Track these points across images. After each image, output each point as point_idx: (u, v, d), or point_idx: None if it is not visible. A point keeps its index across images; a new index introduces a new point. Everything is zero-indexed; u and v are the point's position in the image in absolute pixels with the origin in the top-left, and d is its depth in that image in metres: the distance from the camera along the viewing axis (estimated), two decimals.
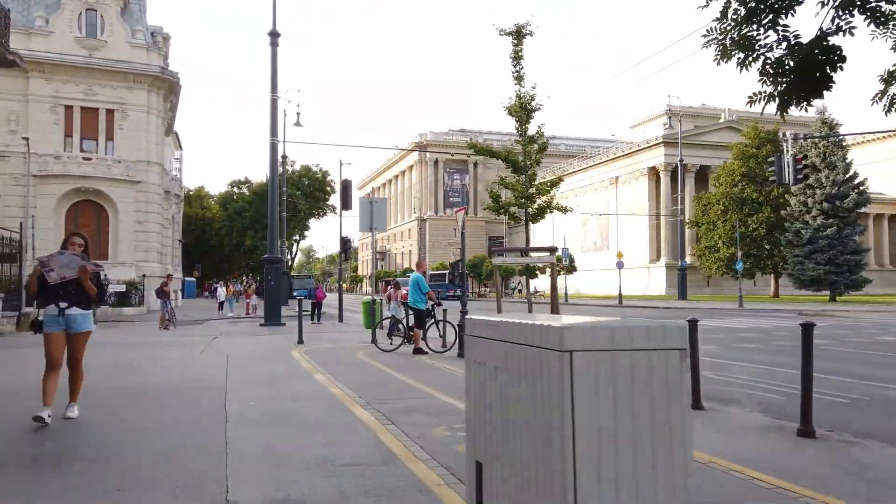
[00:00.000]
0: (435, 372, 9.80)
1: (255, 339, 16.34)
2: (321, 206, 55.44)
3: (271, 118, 21.90)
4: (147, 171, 34.65)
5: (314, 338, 15.81)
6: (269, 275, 21.77)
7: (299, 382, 8.36)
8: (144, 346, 14.18)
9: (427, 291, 12.66)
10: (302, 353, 12.32)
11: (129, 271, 33.02)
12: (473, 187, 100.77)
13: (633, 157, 70.71)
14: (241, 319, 28.37)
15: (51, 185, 32.40)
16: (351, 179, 23.58)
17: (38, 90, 32.62)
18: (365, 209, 14.98)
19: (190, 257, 70.66)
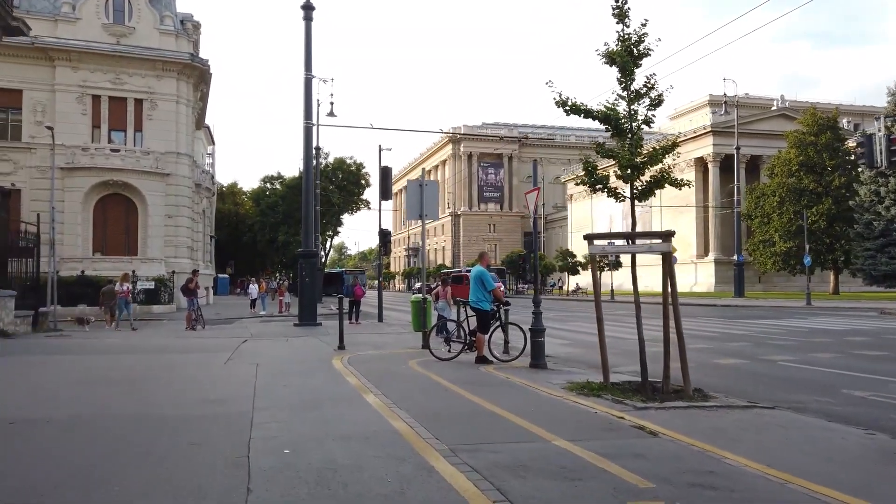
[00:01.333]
0: (514, 391, 7.73)
1: (290, 342, 14.47)
2: (355, 200, 53.58)
3: (305, 99, 20.07)
4: (177, 163, 33.25)
5: (355, 341, 13.88)
6: (303, 270, 19.93)
7: (348, 409, 6.36)
8: (163, 351, 12.38)
9: (493, 289, 10.58)
10: (344, 361, 10.36)
11: (158, 268, 31.65)
12: (508, 181, 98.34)
13: (679, 147, 67.39)
14: (274, 318, 26.70)
15: (78, 177, 31.15)
16: (391, 167, 21.61)
17: (65, 79, 31.39)
18: (413, 194, 12.94)
19: (223, 254, 69.87)
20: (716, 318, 23.81)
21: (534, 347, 10.36)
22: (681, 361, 7.44)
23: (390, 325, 20.47)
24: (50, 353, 11.64)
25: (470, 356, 10.89)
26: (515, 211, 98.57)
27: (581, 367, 10.94)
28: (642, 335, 7.90)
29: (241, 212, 70.96)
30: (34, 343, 14.03)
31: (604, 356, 7.80)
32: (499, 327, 11.12)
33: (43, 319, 18.52)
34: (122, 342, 14.44)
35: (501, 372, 9.48)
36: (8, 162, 30.82)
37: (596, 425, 5.71)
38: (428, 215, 12.92)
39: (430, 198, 12.97)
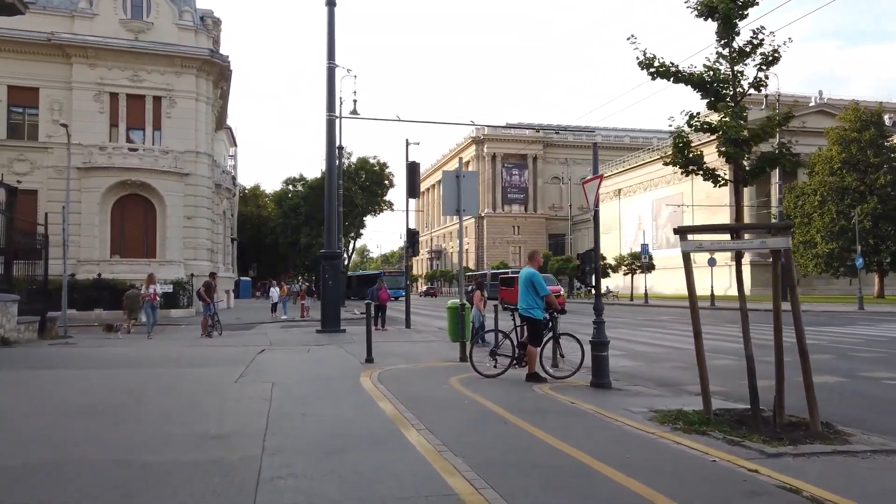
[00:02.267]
0: (590, 424, 6.20)
1: (311, 352, 13.05)
2: (378, 201, 52.21)
3: (328, 90, 18.71)
4: (196, 163, 32.19)
5: (384, 351, 12.42)
6: (325, 272, 18.55)
7: (386, 455, 4.86)
8: (169, 364, 11.01)
9: (546, 294, 9.04)
10: (374, 378, 8.89)
11: (177, 270, 30.59)
12: (533, 182, 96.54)
13: (712, 145, 64.96)
14: (295, 323, 25.38)
15: (95, 178, 30.23)
16: (419, 162, 20.17)
17: (82, 77, 30.51)
18: (450, 186, 11.44)
19: (245, 256, 69.08)
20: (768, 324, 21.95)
21: (596, 363, 8.81)
22: (805, 387, 5.85)
23: (419, 332, 19.00)
24: (43, 366, 10.35)
25: (518, 372, 9.37)
26: (540, 213, 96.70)
27: (649, 385, 9.37)
28: (751, 351, 6.31)
29: (263, 214, 70.19)
30: (33, 353, 12.79)
31: (704, 379, 6.21)
32: (551, 339, 9.57)
33: (51, 325, 17.36)
34: (128, 352, 13.16)
35: (561, 394, 7.94)
36: (25, 162, 30.01)
37: (731, 487, 4.15)
38: (466, 210, 11.42)
39: (468, 190, 11.47)
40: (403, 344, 14.95)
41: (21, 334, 15.37)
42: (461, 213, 11.39)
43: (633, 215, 78.11)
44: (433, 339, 16.86)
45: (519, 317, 9.23)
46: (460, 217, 11.45)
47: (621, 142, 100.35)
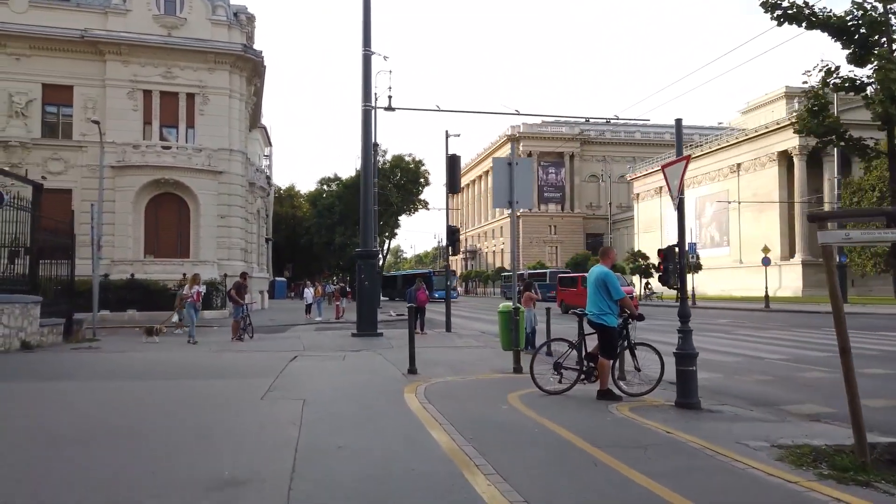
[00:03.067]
0: (698, 462, 4.86)
1: (347, 359, 11.89)
2: (413, 200, 51.11)
3: (363, 78, 17.60)
4: (230, 161, 31.54)
5: (426, 359, 11.19)
6: (361, 272, 17.44)
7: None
8: (191, 373, 9.94)
9: (621, 297, 7.70)
10: (420, 395, 7.66)
11: (210, 270, 29.91)
12: (570, 181, 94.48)
13: (759, 141, 62.54)
14: (330, 325, 24.41)
15: (128, 176, 29.77)
16: (459, 155, 18.93)
17: (116, 74, 30.09)
18: (501, 176, 10.16)
19: (280, 257, 68.83)
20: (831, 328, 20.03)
21: (682, 380, 7.42)
22: None
23: (461, 336, 17.76)
24: (53, 376, 9.41)
25: (587, 389, 8.05)
26: (577, 212, 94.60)
27: (741, 404, 7.94)
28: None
29: (298, 214, 69.87)
30: (50, 359, 11.91)
31: (856, 410, 4.79)
32: (625, 349, 8.21)
33: (77, 328, 16.61)
34: (152, 358, 12.21)
35: (646, 417, 6.59)
36: (59, 161, 29.71)
37: None
38: (520, 202, 10.13)
39: (522, 180, 10.18)
40: (446, 350, 13.71)
41: (44, 337, 14.61)
42: (514, 205, 10.10)
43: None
44: (477, 344, 15.60)
45: (588, 323, 7.90)
46: (513, 210, 10.17)
47: (661, 138, 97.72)
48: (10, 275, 13.90)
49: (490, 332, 20.28)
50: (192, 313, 16.98)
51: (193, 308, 17.12)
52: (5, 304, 12.70)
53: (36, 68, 29.24)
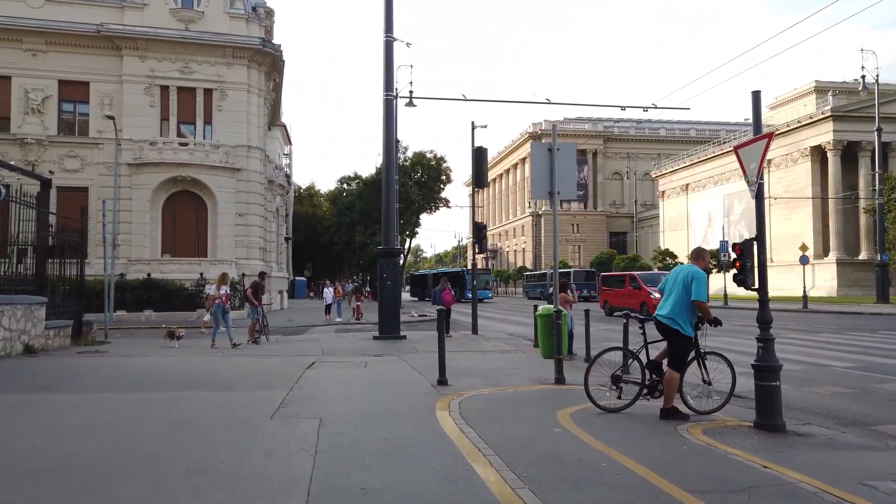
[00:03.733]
0: None
1: (369, 367, 10.89)
2: (435, 197, 50.02)
3: (385, 66, 16.61)
4: (248, 158, 30.79)
5: (457, 366, 10.16)
6: (383, 271, 16.45)
7: None
8: (197, 383, 8.96)
9: (701, 300, 6.58)
10: (456, 414, 6.61)
11: (228, 270, 29.09)
12: (593, 179, 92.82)
13: (791, 136, 60.55)
14: (350, 327, 23.49)
15: (145, 174, 29.14)
16: (486, 148, 17.87)
17: (132, 69, 29.48)
18: (540, 163, 9.09)
19: (300, 256, 68.28)
20: (888, 331, 18.60)
21: (764, 397, 6.28)
22: None
23: (489, 339, 16.69)
24: (46, 386, 8.51)
25: (648, 405, 6.95)
26: (600, 210, 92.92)
27: (827, 423, 6.80)
28: None
29: (318, 213, 69.28)
30: (52, 365, 11.06)
31: None
32: (694, 359, 7.08)
33: (87, 330, 15.83)
34: (160, 364, 11.32)
35: (726, 443, 5.49)
36: (76, 159, 29.17)
37: None
38: (562, 192, 9.04)
39: (565, 167, 9.09)
40: (476, 356, 12.65)
41: (50, 340, 13.82)
42: (555, 196, 9.01)
43: (702, 212, 73.75)
44: (507, 348, 14.52)
45: (658, 328, 6.77)
46: (553, 202, 9.08)
47: (687, 135, 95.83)
48: (14, 274, 13.12)
49: (519, 334, 19.19)
50: (220, 316, 15.41)
51: (222, 310, 15.46)
52: (6, 305, 11.90)
53: (52, 64, 28.73)
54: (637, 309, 22.47)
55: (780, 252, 60.83)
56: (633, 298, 24.64)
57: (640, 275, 26.98)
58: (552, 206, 9.07)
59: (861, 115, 54.90)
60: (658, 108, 17.78)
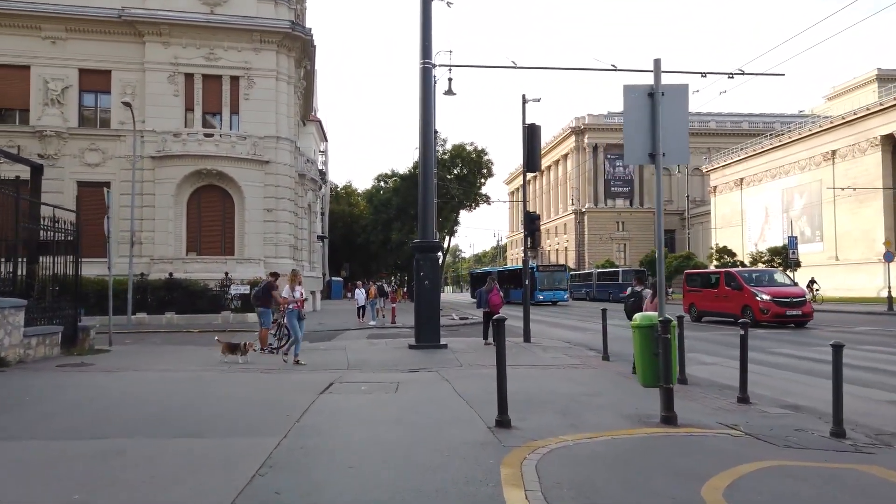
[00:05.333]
0: None
1: (401, 390, 8.43)
2: (475, 192, 47.24)
3: (422, 29, 14.19)
4: (276, 149, 28.80)
5: (518, 392, 7.60)
6: (420, 269, 14.01)
7: None
8: (147, 424, 6.49)
9: None
10: (536, 491, 4.08)
11: (256, 269, 27.23)
12: (639, 174, 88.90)
13: (858, 124, 56.08)
14: (384, 332, 21.16)
15: (168, 167, 27.39)
16: (540, 125, 15.30)
17: (155, 56, 27.78)
18: (637, 115, 6.54)
19: (337, 256, 66.55)
20: None
21: None
22: None
23: (545, 349, 14.09)
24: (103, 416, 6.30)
25: None
26: (647, 207, 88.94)
27: None
28: None
29: (355, 213, 67.50)
30: (10, 385, 8.91)
31: None
32: None
33: (84, 336, 13.81)
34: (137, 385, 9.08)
35: None
36: (96, 152, 27.60)
37: None
38: (669, 155, 6.44)
39: (672, 119, 6.48)
40: (537, 373, 10.08)
41: (31, 350, 11.79)
42: (658, 159, 6.42)
43: (758, 207, 69.45)
44: (571, 360, 11.93)
45: None
46: (658, 167, 6.48)
47: (739, 127, 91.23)
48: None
49: (577, 342, 16.55)
50: (295, 322, 12.02)
51: (297, 317, 12.06)
52: None
53: (72, 52, 27.22)
54: (738, 314, 19.19)
55: (847, 250, 56.50)
56: (733, 301, 20.62)
57: (741, 272, 23.31)
58: (657, 173, 6.47)
59: None
60: (745, 73, 14.87)
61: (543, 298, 41.57)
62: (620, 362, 11.76)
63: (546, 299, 41.84)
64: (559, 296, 43.06)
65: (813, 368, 11.13)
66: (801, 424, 6.50)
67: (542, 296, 41.69)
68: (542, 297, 41.64)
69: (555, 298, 42.69)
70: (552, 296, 42.38)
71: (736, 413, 7.12)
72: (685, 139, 6.58)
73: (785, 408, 7.83)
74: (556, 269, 47.07)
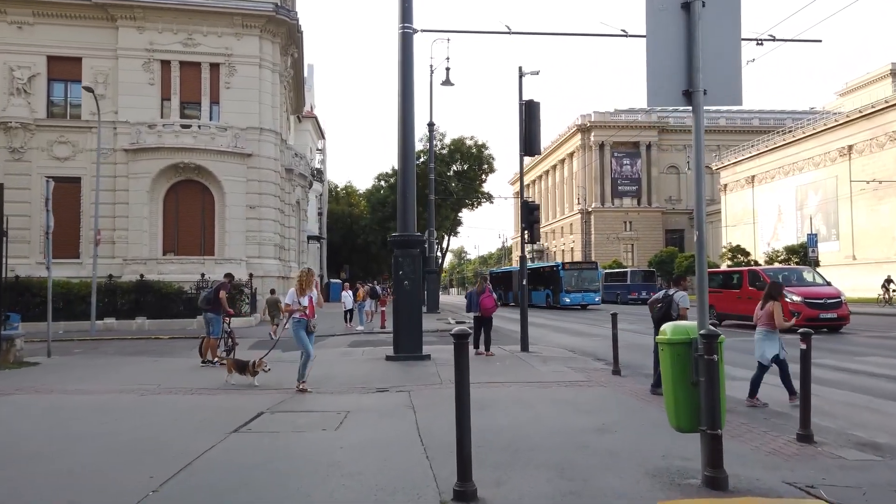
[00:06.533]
0: None
1: (347, 428, 6.38)
2: (476, 189, 45.00)
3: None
4: (260, 142, 26.85)
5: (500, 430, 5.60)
6: (399, 267, 12.01)
7: None
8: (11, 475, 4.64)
9: None
10: None
11: (237, 270, 25.20)
12: (647, 172, 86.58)
13: (876, 118, 53.76)
14: (370, 338, 19.17)
15: (143, 161, 25.47)
16: (539, 102, 13.28)
17: (129, 42, 25.88)
18: (667, 35, 4.49)
19: (337, 257, 64.59)
20: None
21: None
22: None
23: (545, 360, 12.04)
24: None
25: None
26: (655, 206, 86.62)
27: None
28: None
29: (355, 213, 65.53)
30: None
31: None
32: None
33: (7, 346, 11.87)
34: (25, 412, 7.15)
35: None
36: (66, 145, 25.70)
37: None
38: (711, 91, 4.39)
39: (717, 40, 4.41)
40: (529, 394, 8.04)
41: None
42: (698, 96, 4.38)
43: (770, 205, 67.11)
44: (575, 375, 9.89)
45: None
46: (697, 106, 4.44)
47: (749, 124, 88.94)
48: None
49: (581, 349, 14.52)
50: (303, 335, 9.09)
51: (305, 328, 9.12)
52: None
53: (40, 38, 25.34)
54: None
55: (865, 249, 54.20)
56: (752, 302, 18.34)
57: (766, 270, 21.04)
58: (695, 114, 4.43)
59: None
60: (776, 39, 12.79)
61: (571, 301, 36.88)
62: (634, 377, 9.74)
63: (574, 302, 36.87)
64: (589, 298, 37.61)
65: (873, 386, 9.07)
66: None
67: (570, 298, 37.11)
68: (568, 299, 37.08)
69: (584, 301, 37.34)
70: (581, 298, 37.20)
71: (802, 461, 5.09)
72: (737, 68, 4.53)
73: (862, 447, 5.79)
74: (585, 268, 40.65)
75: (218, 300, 11.66)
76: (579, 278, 38.00)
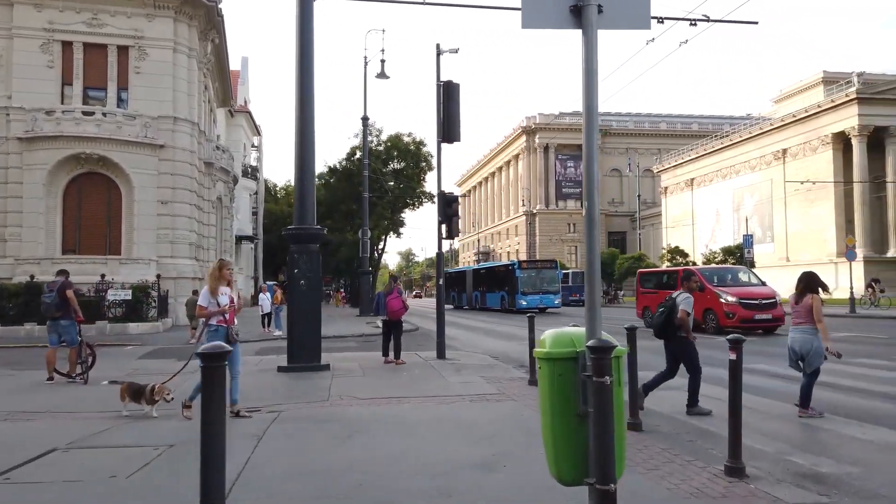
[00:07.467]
0: None
1: (180, 465, 4.91)
2: (414, 187, 43.40)
3: None
4: (174, 132, 24.80)
5: (371, 478, 4.20)
6: (295, 265, 10.51)
7: None
8: None
9: None
10: None
11: (145, 271, 23.19)
12: None
13: (809, 122, 55.01)
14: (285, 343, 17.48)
15: (39, 151, 23.10)
16: (459, 83, 12.03)
17: (26, 21, 23.47)
18: None
19: (276, 259, 62.15)
20: None
21: None
22: None
23: (459, 369, 10.76)
24: None
25: None
26: (600, 209, 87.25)
27: None
28: None
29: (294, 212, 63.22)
30: None
31: None
32: None
33: None
34: None
35: None
36: None
37: None
38: (608, 8, 3.20)
39: None
40: (425, 414, 6.72)
41: None
42: (590, 10, 3.18)
43: (708, 207, 68.21)
44: (487, 388, 8.64)
45: None
46: (589, 32, 3.17)
47: (689, 128, 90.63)
48: None
49: (506, 355, 13.34)
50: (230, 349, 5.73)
51: (226, 337, 7.17)
52: None
53: None
54: (699, 318, 16.08)
55: (799, 251, 55.27)
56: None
57: (701, 270, 20.18)
58: (585, 38, 3.18)
59: (890, 97, 49.61)
60: (711, 20, 11.90)
61: (528, 304, 33.40)
62: None
63: (531, 305, 32.99)
64: (548, 300, 34.73)
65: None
66: None
67: (526, 301, 34.08)
68: (525, 302, 34.02)
69: (542, 304, 34.01)
70: (539, 300, 34.05)
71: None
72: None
73: (802, 480, 4.69)
74: (543, 267, 37.38)
75: (67, 302, 9.89)
76: (537, 279, 35.28)
